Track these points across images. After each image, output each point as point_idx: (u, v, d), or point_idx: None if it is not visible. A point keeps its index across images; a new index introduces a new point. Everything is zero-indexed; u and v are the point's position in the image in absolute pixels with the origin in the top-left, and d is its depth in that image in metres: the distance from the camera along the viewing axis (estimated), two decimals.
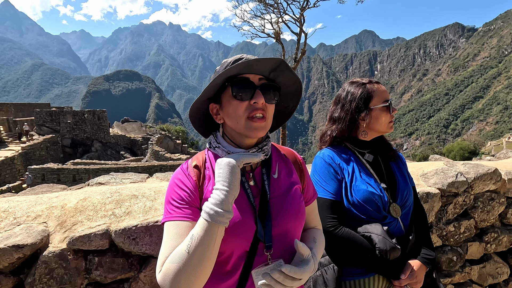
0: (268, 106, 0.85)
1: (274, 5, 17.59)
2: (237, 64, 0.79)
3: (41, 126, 25.96)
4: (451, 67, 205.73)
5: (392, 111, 1.28)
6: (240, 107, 0.82)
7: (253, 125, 0.82)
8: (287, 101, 0.97)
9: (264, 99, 0.82)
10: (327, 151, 1.29)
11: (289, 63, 15.87)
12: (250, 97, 0.82)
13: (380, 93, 1.28)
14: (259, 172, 0.90)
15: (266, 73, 0.85)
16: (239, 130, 0.84)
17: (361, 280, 1.19)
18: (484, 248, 2.12)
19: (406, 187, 1.28)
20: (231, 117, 0.84)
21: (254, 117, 0.82)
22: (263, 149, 0.88)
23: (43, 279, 1.18)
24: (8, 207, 1.33)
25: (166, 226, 0.80)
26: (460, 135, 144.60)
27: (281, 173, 0.92)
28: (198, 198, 0.84)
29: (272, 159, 0.93)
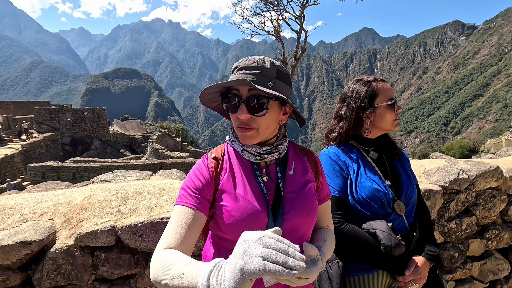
0: (256, 118, 0.85)
1: (274, 3, 17.53)
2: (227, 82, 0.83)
3: (40, 124, 25.92)
4: (451, 65, 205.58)
5: (397, 109, 1.29)
6: (232, 118, 0.90)
7: (240, 134, 0.88)
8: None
9: (248, 112, 0.84)
10: (332, 149, 1.30)
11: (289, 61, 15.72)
12: (236, 110, 0.86)
13: (385, 91, 1.29)
14: (274, 169, 0.94)
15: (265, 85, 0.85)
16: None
17: (365, 276, 1.20)
18: (485, 245, 2.13)
19: (410, 185, 1.30)
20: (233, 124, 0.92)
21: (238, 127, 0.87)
22: (277, 148, 0.92)
23: (51, 275, 1.19)
24: (15, 204, 1.34)
25: (174, 209, 0.86)
26: (460, 133, 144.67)
27: (296, 170, 0.96)
28: (211, 189, 0.89)
29: (288, 156, 0.98)
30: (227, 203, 0.87)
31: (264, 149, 0.91)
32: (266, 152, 0.92)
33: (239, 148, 0.93)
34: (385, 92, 1.28)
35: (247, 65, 0.86)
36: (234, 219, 0.85)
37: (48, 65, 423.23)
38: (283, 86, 0.89)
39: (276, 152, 0.93)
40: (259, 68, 0.85)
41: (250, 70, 0.85)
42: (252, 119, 0.86)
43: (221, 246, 0.91)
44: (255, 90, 0.84)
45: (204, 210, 0.87)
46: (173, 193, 1.49)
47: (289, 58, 17.10)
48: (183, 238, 0.80)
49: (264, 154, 0.92)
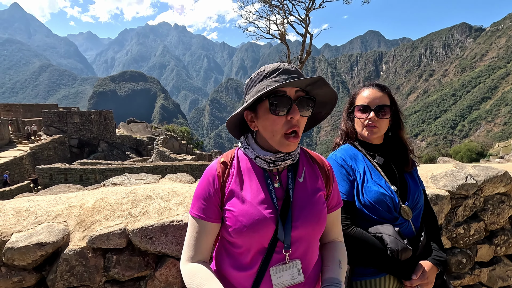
0: (302, 120, 0.88)
1: (280, 6, 17.61)
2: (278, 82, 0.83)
3: (48, 127, 26.33)
4: (458, 67, 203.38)
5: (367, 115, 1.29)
6: (277, 122, 0.85)
7: (287, 142, 0.86)
8: (319, 108, 1.00)
9: (299, 113, 0.85)
10: (339, 153, 1.32)
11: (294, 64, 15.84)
12: (286, 112, 0.84)
13: (360, 96, 1.34)
14: (285, 175, 0.94)
15: (302, 87, 0.88)
16: (272, 142, 0.89)
17: (372, 280, 1.21)
18: (494, 250, 2.11)
19: (417, 190, 1.30)
20: (267, 129, 0.88)
21: (289, 135, 0.85)
22: (290, 155, 0.91)
23: (64, 276, 1.22)
24: (29, 207, 1.38)
25: (189, 218, 0.94)
26: (468, 136, 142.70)
27: (307, 177, 0.96)
28: (219, 195, 0.92)
29: (299, 163, 0.97)
30: (234, 208, 0.88)
31: (278, 156, 0.90)
32: (279, 159, 0.91)
33: (253, 155, 0.93)
34: (360, 98, 1.34)
35: (289, 69, 0.87)
36: (241, 224, 0.86)
37: (56, 68, 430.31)
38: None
39: (290, 158, 0.92)
40: (298, 72, 0.88)
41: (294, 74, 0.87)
42: (299, 121, 0.87)
43: (230, 249, 0.93)
44: (301, 92, 0.86)
45: (214, 218, 0.91)
46: (182, 197, 1.52)
47: (294, 61, 17.13)
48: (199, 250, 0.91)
49: (278, 161, 0.91)
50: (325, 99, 0.96)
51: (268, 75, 0.87)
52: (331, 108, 0.99)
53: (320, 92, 0.92)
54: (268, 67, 0.90)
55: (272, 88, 0.82)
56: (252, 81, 0.91)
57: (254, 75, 0.92)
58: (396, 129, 1.36)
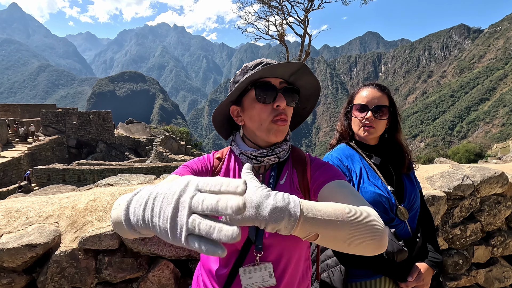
0: (288, 109, 0.87)
1: (278, 7, 17.65)
2: (262, 68, 0.81)
3: (47, 127, 26.25)
4: (457, 68, 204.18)
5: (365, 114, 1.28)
6: (264, 110, 0.84)
7: (276, 127, 0.84)
8: (304, 103, 0.99)
9: (285, 101, 0.84)
10: (335, 153, 1.31)
11: None
12: (273, 100, 0.84)
13: (359, 96, 1.33)
14: (269, 174, 0.90)
15: (286, 77, 0.87)
16: (261, 132, 0.86)
17: (367, 282, 1.19)
18: (491, 251, 2.11)
19: (413, 190, 1.29)
20: (254, 119, 0.86)
21: (277, 120, 0.84)
22: (274, 151, 0.88)
23: (55, 278, 1.21)
24: (21, 207, 1.36)
25: (168, 176, 0.86)
26: (466, 137, 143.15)
27: (287, 181, 0.91)
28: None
29: (284, 165, 0.93)
30: None
31: (261, 152, 0.87)
32: (262, 155, 0.88)
33: (238, 152, 0.91)
34: (358, 97, 1.33)
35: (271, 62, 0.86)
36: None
37: (55, 68, 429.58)
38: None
39: (274, 155, 0.88)
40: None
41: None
42: (285, 110, 0.86)
43: None
44: (285, 83, 0.86)
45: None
46: None
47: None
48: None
49: (260, 157, 0.88)
50: (309, 92, 0.95)
51: (252, 69, 0.88)
52: (315, 100, 0.97)
53: (304, 84, 0.91)
54: (251, 62, 0.90)
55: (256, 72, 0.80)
56: (237, 77, 0.92)
57: (239, 71, 0.92)
58: (393, 131, 1.35)
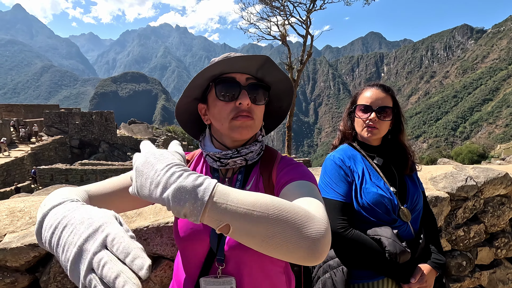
0: (255, 108, 0.79)
1: (281, 8, 17.67)
2: (219, 62, 0.73)
3: (50, 127, 26.42)
4: (460, 69, 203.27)
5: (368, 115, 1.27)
6: (225, 108, 0.77)
7: (237, 123, 0.76)
8: (279, 101, 0.92)
9: (250, 100, 0.76)
10: (337, 153, 1.31)
11: (295, 65, 15.73)
12: (235, 97, 0.76)
13: (363, 96, 1.32)
14: (235, 179, 0.83)
15: (253, 72, 0.79)
16: (224, 131, 0.80)
17: (370, 283, 1.19)
18: (494, 253, 2.09)
19: (416, 191, 1.29)
20: (216, 118, 0.79)
21: (238, 116, 0.76)
22: (240, 152, 0.80)
23: (57, 278, 1.21)
24: (24, 207, 1.37)
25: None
26: (469, 138, 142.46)
27: (254, 185, 0.82)
28: None
29: (253, 168, 0.84)
30: None
31: (225, 153, 0.80)
32: (226, 157, 0.80)
33: (204, 154, 0.85)
34: (361, 98, 1.32)
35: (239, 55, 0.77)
36: (178, 233, 0.80)
37: (58, 69, 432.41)
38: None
39: (239, 157, 0.80)
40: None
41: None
42: (251, 109, 0.78)
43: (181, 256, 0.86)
44: (253, 80, 0.79)
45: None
46: None
47: (295, 63, 17.16)
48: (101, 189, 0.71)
49: (224, 159, 0.80)
50: (281, 89, 0.87)
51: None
52: (289, 98, 0.90)
53: (274, 80, 0.83)
54: (220, 56, 0.81)
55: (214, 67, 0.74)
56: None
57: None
58: (396, 133, 1.34)
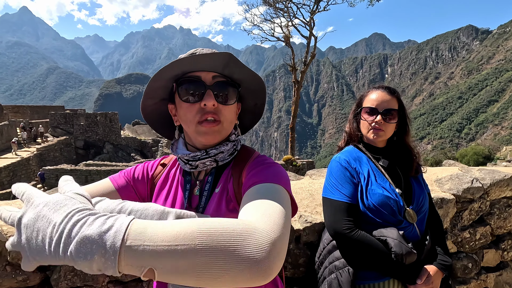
0: (223, 108, 0.74)
1: (284, 9, 17.70)
2: (177, 61, 0.69)
3: (55, 128, 26.69)
4: (465, 70, 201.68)
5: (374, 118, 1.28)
6: (190, 110, 0.73)
7: (203, 129, 0.73)
8: (253, 99, 0.87)
9: (216, 100, 0.72)
10: (343, 155, 1.32)
11: (298, 67, 15.74)
12: (200, 98, 0.72)
13: (368, 98, 1.34)
14: (205, 182, 0.81)
15: (219, 70, 0.74)
16: (190, 134, 0.77)
17: (376, 284, 1.19)
18: (501, 255, 2.08)
19: (422, 193, 1.29)
20: (183, 120, 0.76)
21: (204, 121, 0.72)
22: (208, 153, 0.77)
23: (68, 276, 1.23)
24: None
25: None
26: (474, 139, 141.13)
27: (222, 188, 0.78)
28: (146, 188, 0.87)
29: (224, 171, 0.81)
30: None
31: (194, 155, 0.77)
32: (195, 158, 0.77)
33: (176, 156, 0.82)
34: (367, 100, 1.34)
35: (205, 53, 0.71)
36: None
37: (63, 71, 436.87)
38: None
39: (208, 158, 0.77)
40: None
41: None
42: (218, 110, 0.73)
43: None
44: (220, 78, 0.74)
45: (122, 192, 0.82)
46: None
47: (298, 64, 17.16)
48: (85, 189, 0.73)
49: (193, 161, 0.78)
50: (253, 86, 0.82)
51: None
52: (263, 95, 0.86)
53: (243, 78, 0.78)
54: (185, 54, 0.77)
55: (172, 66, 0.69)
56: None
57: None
58: (402, 134, 1.35)
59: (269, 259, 0.44)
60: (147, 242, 0.40)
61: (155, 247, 0.40)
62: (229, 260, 0.42)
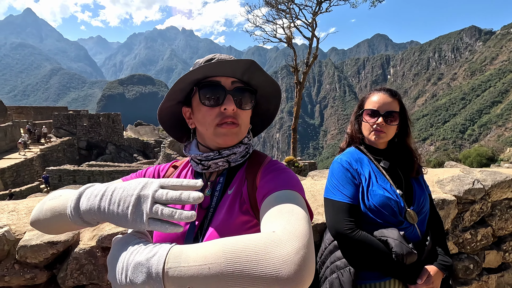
0: (241, 113, 0.77)
1: (286, 10, 17.73)
2: (202, 66, 0.72)
3: (58, 129, 26.86)
4: (468, 71, 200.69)
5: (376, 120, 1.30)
6: (210, 114, 0.75)
7: (222, 131, 0.75)
8: (267, 104, 0.89)
9: (235, 105, 0.75)
10: (344, 156, 1.34)
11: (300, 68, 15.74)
12: (220, 102, 0.74)
13: (370, 101, 1.35)
14: (217, 183, 0.81)
15: (239, 75, 0.77)
16: (208, 136, 0.79)
17: (376, 284, 1.21)
18: (502, 256, 2.08)
19: (423, 194, 1.31)
20: (200, 123, 0.78)
21: (223, 123, 0.75)
22: (221, 154, 0.79)
23: (74, 274, 1.26)
24: None
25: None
26: (477, 140, 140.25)
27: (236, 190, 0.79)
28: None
29: (238, 171, 0.82)
30: None
31: (206, 155, 0.78)
32: (207, 159, 0.79)
33: (189, 157, 0.84)
34: (369, 102, 1.35)
35: (224, 59, 0.76)
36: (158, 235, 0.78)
37: (66, 72, 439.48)
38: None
39: (220, 158, 0.79)
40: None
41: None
42: (236, 114, 0.76)
43: None
44: (238, 83, 0.77)
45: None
46: None
47: (300, 65, 17.17)
48: None
49: (205, 161, 0.80)
50: (268, 92, 0.85)
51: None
52: (277, 101, 0.89)
53: (260, 83, 0.81)
54: (203, 58, 0.80)
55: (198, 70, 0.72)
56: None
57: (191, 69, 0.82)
58: (403, 136, 1.37)
59: (296, 269, 0.44)
60: (183, 264, 0.46)
61: (187, 269, 0.45)
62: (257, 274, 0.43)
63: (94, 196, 0.57)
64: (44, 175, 16.45)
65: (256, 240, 0.47)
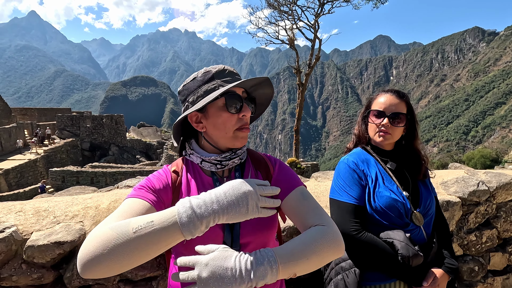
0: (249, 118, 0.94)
1: (289, 12, 17.76)
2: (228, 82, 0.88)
3: (62, 130, 27.03)
4: (471, 72, 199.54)
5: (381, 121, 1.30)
6: (231, 120, 0.88)
7: (241, 134, 0.89)
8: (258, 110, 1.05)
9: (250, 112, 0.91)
10: (351, 157, 1.33)
11: (303, 69, 15.68)
12: (239, 110, 0.88)
13: (377, 102, 1.35)
14: (233, 175, 0.94)
15: (248, 87, 0.94)
16: (225, 140, 0.90)
17: (382, 285, 1.21)
18: (508, 259, 2.07)
19: (429, 196, 1.30)
20: (219, 128, 0.88)
21: (243, 128, 0.89)
22: (236, 153, 0.93)
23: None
24: (48, 207, 1.44)
25: (124, 202, 0.79)
26: (481, 142, 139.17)
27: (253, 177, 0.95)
28: (170, 197, 0.88)
29: (246, 165, 0.97)
30: None
31: (225, 156, 0.91)
32: (226, 159, 0.91)
33: (198, 161, 0.92)
34: (375, 103, 1.35)
35: (232, 71, 0.93)
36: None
37: (70, 73, 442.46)
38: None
39: (236, 157, 0.93)
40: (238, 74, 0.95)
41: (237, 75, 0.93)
42: (248, 119, 0.92)
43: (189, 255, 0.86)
44: (245, 93, 0.93)
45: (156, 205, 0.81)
46: None
47: (303, 66, 17.17)
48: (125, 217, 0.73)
49: (225, 161, 0.91)
50: (261, 101, 1.02)
51: (217, 76, 0.90)
52: (264, 108, 1.05)
53: (260, 94, 0.99)
54: (214, 68, 0.92)
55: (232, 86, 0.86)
56: (197, 82, 0.90)
57: (198, 75, 0.91)
58: (410, 138, 1.36)
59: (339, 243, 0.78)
60: (290, 259, 0.69)
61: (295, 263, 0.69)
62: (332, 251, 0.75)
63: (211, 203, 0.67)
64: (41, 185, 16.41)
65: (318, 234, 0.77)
